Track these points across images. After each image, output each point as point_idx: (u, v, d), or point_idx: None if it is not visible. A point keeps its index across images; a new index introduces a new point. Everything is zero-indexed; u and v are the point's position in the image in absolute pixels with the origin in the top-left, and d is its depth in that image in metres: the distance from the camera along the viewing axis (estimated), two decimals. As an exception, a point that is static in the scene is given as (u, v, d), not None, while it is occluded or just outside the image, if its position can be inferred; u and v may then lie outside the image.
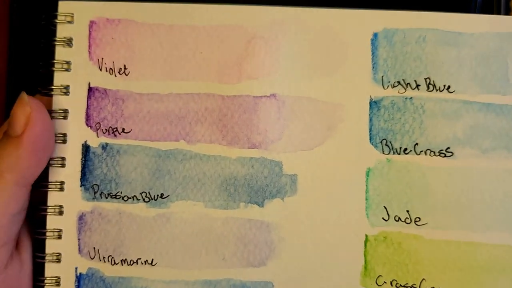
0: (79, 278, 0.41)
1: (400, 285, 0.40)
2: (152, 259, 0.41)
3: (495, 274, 0.39)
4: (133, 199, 0.41)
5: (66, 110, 0.41)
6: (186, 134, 0.40)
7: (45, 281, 0.41)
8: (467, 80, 0.39)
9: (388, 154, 0.40)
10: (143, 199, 0.41)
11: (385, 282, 0.40)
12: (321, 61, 0.40)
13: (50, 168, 0.41)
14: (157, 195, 0.41)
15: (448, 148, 0.39)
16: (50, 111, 0.40)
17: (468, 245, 0.39)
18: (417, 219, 0.39)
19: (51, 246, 0.41)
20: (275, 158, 0.40)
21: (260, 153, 0.40)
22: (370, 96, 0.40)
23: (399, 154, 0.39)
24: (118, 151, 0.41)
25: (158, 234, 0.41)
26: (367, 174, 0.40)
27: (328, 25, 0.40)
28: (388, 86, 0.40)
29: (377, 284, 0.40)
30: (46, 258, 0.41)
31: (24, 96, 0.37)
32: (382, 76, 0.40)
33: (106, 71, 0.41)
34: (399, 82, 0.39)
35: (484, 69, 0.39)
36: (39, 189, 0.41)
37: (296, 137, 0.40)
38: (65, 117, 0.41)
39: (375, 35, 0.40)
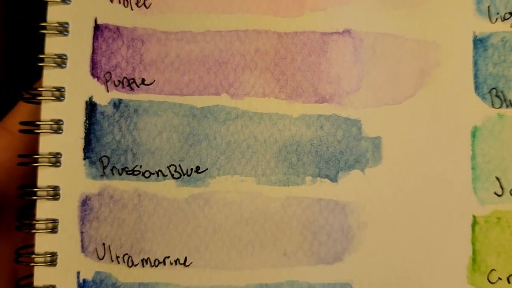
0: (82, 286, 0.30)
1: (520, 282, 0.30)
2: (186, 258, 0.29)
3: None
4: (158, 175, 0.30)
5: (64, 55, 0.30)
6: (230, 86, 0.30)
7: (34, 293, 0.29)
8: None
9: (500, 107, 0.30)
10: (172, 175, 0.30)
11: (500, 279, 0.30)
12: (409, -13, 0.30)
13: (41, 135, 0.30)
14: (191, 169, 0.30)
15: None
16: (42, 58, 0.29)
17: None
18: (541, 193, 0.30)
19: (42, 243, 0.29)
20: (351, 116, 0.30)
21: (331, 109, 0.30)
22: (474, 32, 0.30)
23: (514, 107, 0.30)
24: (136, 109, 0.30)
25: (194, 222, 0.30)
26: (473, 135, 0.30)
27: None
28: (497, 19, 0.30)
29: (489, 281, 0.30)
30: (36, 260, 0.29)
31: None
32: (488, 6, 0.30)
33: (120, 2, 0.30)
34: (511, 13, 0.30)
35: None
36: (26, 165, 0.29)
37: (379, 87, 0.30)
38: (61, 65, 0.30)
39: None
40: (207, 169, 0.29)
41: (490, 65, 0.30)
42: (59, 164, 0.29)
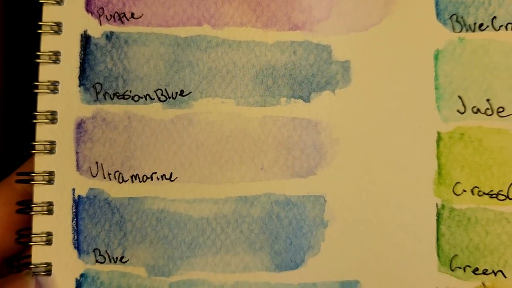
0: (77, 202, 0.32)
1: (484, 193, 0.32)
2: (171, 173, 0.32)
3: None
4: (146, 99, 0.32)
5: (60, -7, 0.33)
6: (211, 17, 0.33)
7: (34, 208, 0.32)
8: None
9: (460, 32, 0.32)
10: (159, 98, 0.32)
11: (465, 191, 0.32)
12: None
13: (41, 65, 0.33)
14: (176, 92, 0.32)
15: (534, 20, 0.32)
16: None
17: None
18: (501, 109, 0.32)
19: (40, 163, 0.32)
20: (322, 42, 0.32)
21: (303, 36, 0.32)
22: (434, -37, 0.33)
23: (473, 31, 0.32)
24: (126, 40, 0.33)
25: (179, 140, 0.32)
26: (436, 58, 0.32)
27: None
28: (455, -49, 0.33)
29: (454, 193, 0.32)
30: (35, 178, 0.32)
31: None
32: None
33: None
34: None
35: None
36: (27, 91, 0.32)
37: (347, 15, 0.32)
38: (59, 2, 0.33)
39: None
40: (190, 92, 0.32)
41: (450, -7, 0.32)
42: (56, 91, 0.32)
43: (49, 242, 0.32)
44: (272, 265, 0.31)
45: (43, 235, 0.32)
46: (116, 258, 0.32)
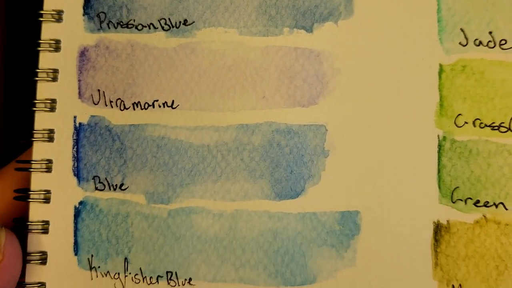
0: (78, 129, 0.32)
1: (485, 125, 0.32)
2: (173, 101, 0.32)
3: None
4: (149, 28, 0.33)
5: None
6: (215, -51, 0.33)
7: (35, 135, 0.32)
8: None
9: (463, -34, 0.33)
10: (162, 27, 0.32)
11: (466, 123, 0.32)
12: None
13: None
14: (180, 22, 0.32)
15: (536, -46, 0.32)
16: None
17: None
18: (503, 42, 0.32)
19: (43, 90, 0.32)
20: (325, -27, 0.33)
21: (306, -32, 0.33)
22: None
23: (476, -35, 0.33)
24: (130, -29, 0.33)
25: (181, 69, 0.32)
26: (438, -9, 0.33)
27: None
28: None
29: (456, 125, 0.32)
30: (37, 105, 0.32)
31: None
32: None
33: None
34: None
35: None
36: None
37: None
38: None
39: None
40: (194, 22, 0.32)
41: None
42: (61, 20, 0.32)
43: (48, 169, 0.32)
44: (272, 193, 0.31)
45: (43, 162, 0.32)
46: (116, 185, 0.32)
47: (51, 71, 0.32)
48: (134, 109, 0.32)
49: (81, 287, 0.31)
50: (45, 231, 0.31)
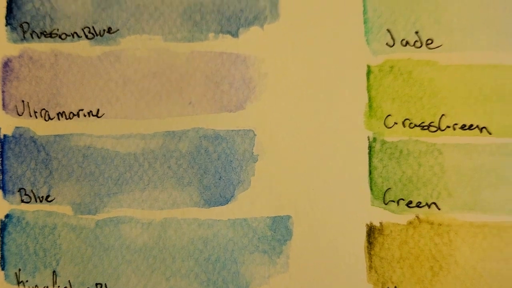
0: (3, 141, 0.31)
1: (415, 125, 0.32)
2: (98, 110, 0.32)
3: (531, 102, 0.31)
4: (73, 37, 0.32)
5: None
6: (140, -44, 0.33)
7: (-43, 149, 0.31)
8: None
9: (387, -34, 0.33)
10: (86, 36, 0.32)
11: (396, 123, 0.32)
12: None
13: (-33, 6, 0.33)
14: (104, 30, 0.32)
15: (459, -47, 0.32)
16: None
17: (494, 68, 0.31)
18: (429, 41, 0.32)
19: (-34, 103, 0.32)
20: (250, -23, 0.33)
21: (231, -28, 0.33)
22: None
23: (400, -35, 0.32)
24: (53, -20, 0.33)
25: (105, 77, 0.32)
26: (364, -8, 0.33)
27: None
28: None
29: (385, 125, 0.32)
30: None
31: None
32: None
33: None
34: None
35: None
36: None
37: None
38: None
39: None
40: (118, 29, 0.32)
41: None
42: (-17, 31, 0.32)
43: (-27, 184, 0.31)
44: (201, 200, 0.31)
45: (-32, 176, 0.31)
46: (42, 197, 0.31)
47: (-26, 83, 0.32)
48: (59, 119, 0.31)
49: (9, 303, 0.31)
50: (-29, 247, 0.31)
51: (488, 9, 0.31)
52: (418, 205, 0.31)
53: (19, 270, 0.31)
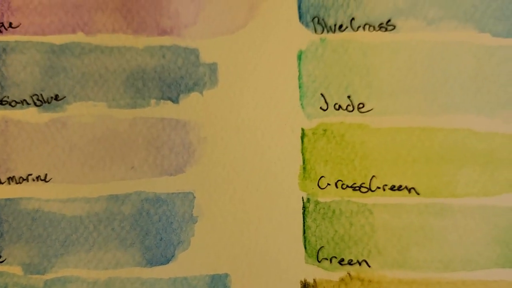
0: (-44, 205, 0.34)
1: (347, 186, 0.33)
2: (46, 174, 0.33)
3: (456, 164, 0.33)
4: (22, 104, 0.34)
5: None
6: (85, 24, 0.34)
7: None
8: None
9: (322, 33, 0.34)
10: (34, 103, 0.34)
11: (329, 184, 0.33)
12: None
13: None
14: (51, 97, 0.34)
15: (389, 20, 0.34)
16: None
17: (422, 131, 0.33)
18: (361, 106, 0.33)
19: None
20: (190, 45, 0.34)
21: (172, 40, 0.34)
22: (297, -31, 0.35)
23: (334, 32, 0.34)
24: (4, 49, 0.34)
25: (52, 143, 0.34)
26: (299, 58, 0.34)
27: None
28: (316, -43, 0.35)
29: (319, 187, 0.33)
30: None
31: None
32: None
33: (-10, -41, 0.35)
34: (328, -48, 0.35)
35: None
36: None
37: (213, 20, 0.34)
38: None
39: None
40: (65, 97, 0.34)
41: (311, -4, 0.34)
42: None
43: None
44: (144, 260, 0.33)
45: None
46: (-6, 258, 0.33)
47: None
48: (9, 183, 0.33)
49: None
50: None
51: (415, 75, 0.33)
52: (350, 262, 0.33)
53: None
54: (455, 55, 0.33)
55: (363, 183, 0.33)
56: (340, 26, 0.33)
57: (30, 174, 0.33)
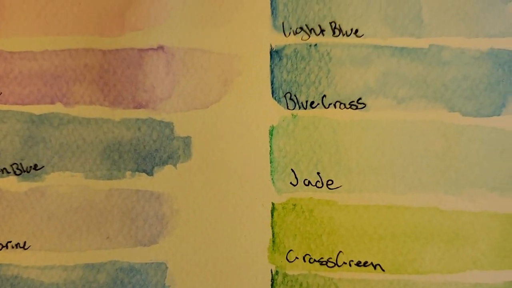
0: None
1: (315, 260, 0.34)
2: (25, 242, 0.35)
3: (422, 241, 0.34)
4: (2, 172, 0.35)
5: None
6: (63, 96, 0.35)
7: None
8: (376, 22, 0.35)
9: (293, 109, 0.35)
10: (14, 172, 0.35)
11: (297, 258, 0.34)
12: (214, 9, 0.35)
13: None
14: (30, 167, 0.35)
15: (360, 99, 0.34)
16: None
17: (389, 209, 0.34)
18: (330, 182, 0.34)
19: None
20: (165, 119, 0.35)
21: (147, 114, 0.35)
22: (271, 45, 0.35)
23: (305, 108, 0.35)
24: (-15, 118, 0.36)
25: (31, 211, 0.35)
26: (271, 133, 0.35)
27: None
28: (290, 33, 0.35)
29: (287, 260, 0.34)
30: None
31: None
32: (282, 22, 0.35)
33: (-28, 28, 0.36)
34: (301, 28, 0.35)
35: (395, 9, 0.35)
36: None
37: (188, 94, 0.35)
38: None
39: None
40: (43, 166, 0.35)
41: (284, 72, 0.35)
42: None
43: None
44: (117, 328, 0.34)
45: None
46: (-25, 321, 0.34)
47: None
48: (-11, 250, 0.34)
49: None
50: None
51: (384, 154, 0.34)
52: (316, 333, 0.34)
53: None
54: (424, 134, 0.34)
55: (330, 258, 0.34)
56: (312, 103, 0.34)
57: (10, 242, 0.34)
